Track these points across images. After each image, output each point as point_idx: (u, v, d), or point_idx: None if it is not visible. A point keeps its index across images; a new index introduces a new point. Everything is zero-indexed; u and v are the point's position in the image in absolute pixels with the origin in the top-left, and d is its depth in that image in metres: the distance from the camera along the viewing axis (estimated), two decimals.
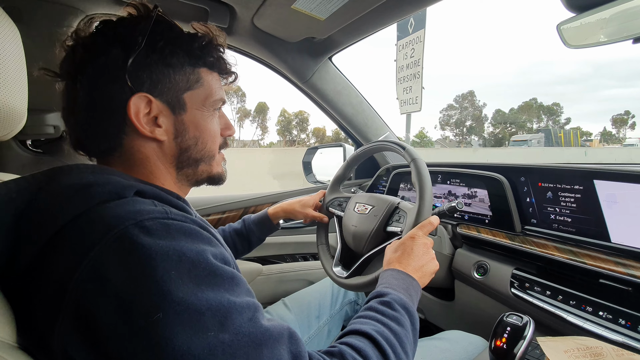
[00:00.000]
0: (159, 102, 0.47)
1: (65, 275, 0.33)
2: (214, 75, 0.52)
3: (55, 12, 0.89)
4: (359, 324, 0.47)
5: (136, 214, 0.36)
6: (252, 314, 0.36)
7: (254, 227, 0.91)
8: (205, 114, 0.51)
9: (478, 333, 0.81)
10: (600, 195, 0.71)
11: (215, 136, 0.54)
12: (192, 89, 0.49)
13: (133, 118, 0.45)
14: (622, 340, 0.58)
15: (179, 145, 0.50)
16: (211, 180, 0.56)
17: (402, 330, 0.48)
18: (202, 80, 0.50)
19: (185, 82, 0.48)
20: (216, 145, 0.55)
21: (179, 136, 0.49)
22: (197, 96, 0.50)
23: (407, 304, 0.52)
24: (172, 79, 0.47)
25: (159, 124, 0.47)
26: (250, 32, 1.09)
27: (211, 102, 0.52)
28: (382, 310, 0.50)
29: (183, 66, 0.48)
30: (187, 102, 0.49)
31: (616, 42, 0.58)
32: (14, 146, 0.94)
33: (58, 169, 0.42)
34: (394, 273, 0.59)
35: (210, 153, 0.53)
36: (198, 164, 0.53)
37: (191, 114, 0.50)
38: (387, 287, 0.55)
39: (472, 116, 63.42)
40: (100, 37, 0.45)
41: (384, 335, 0.45)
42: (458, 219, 1.02)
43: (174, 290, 0.32)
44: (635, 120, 64.40)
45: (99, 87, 0.45)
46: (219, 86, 0.53)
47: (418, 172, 0.73)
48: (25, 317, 0.36)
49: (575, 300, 0.69)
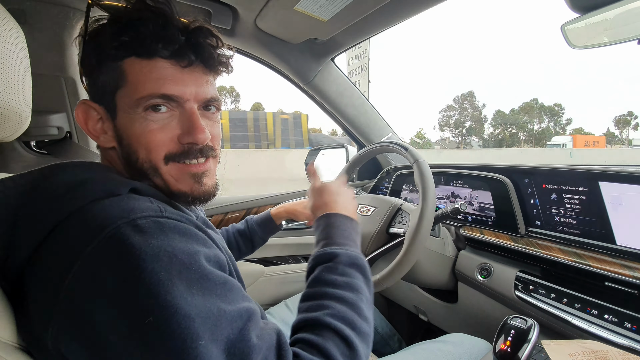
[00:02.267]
0: (98, 107, 0.44)
1: (59, 274, 0.33)
2: (146, 64, 0.41)
3: (59, 13, 0.89)
4: (311, 310, 0.42)
5: (129, 212, 0.35)
6: (244, 324, 0.34)
7: (257, 228, 0.90)
8: (134, 117, 0.42)
9: (482, 336, 0.80)
10: (605, 197, 0.70)
11: (149, 144, 0.43)
12: (120, 87, 0.42)
13: (82, 126, 0.45)
14: (628, 344, 0.58)
15: (122, 155, 0.44)
16: (176, 198, 0.46)
17: (356, 295, 0.44)
18: (124, 74, 0.41)
19: (113, 81, 0.42)
20: (155, 156, 0.43)
21: (119, 143, 0.44)
22: (125, 95, 0.42)
23: (354, 258, 0.48)
24: (99, 79, 0.43)
25: (104, 130, 0.45)
26: (252, 34, 1.09)
27: (136, 100, 0.41)
28: (332, 280, 0.44)
29: (105, 62, 0.42)
30: (117, 103, 0.43)
31: (621, 43, 0.58)
32: (17, 147, 0.95)
33: (55, 165, 0.42)
34: (328, 219, 0.55)
35: (149, 165, 0.43)
36: (149, 177, 0.44)
37: (121, 117, 0.43)
38: (331, 245, 0.50)
39: (471, 117, 62.96)
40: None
41: (339, 315, 0.40)
42: (461, 220, 1.02)
43: (163, 293, 0.31)
44: (639, 122, 63.91)
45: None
46: (157, 77, 0.41)
47: (421, 173, 0.73)
48: (23, 317, 0.36)
49: (580, 303, 0.68)
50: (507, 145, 58.17)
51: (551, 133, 59.23)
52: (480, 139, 62.84)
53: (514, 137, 62.27)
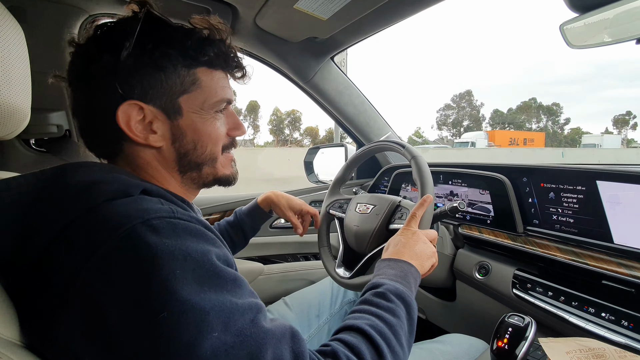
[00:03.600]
0: (152, 108, 0.45)
1: (72, 272, 0.33)
2: (215, 74, 0.49)
3: (59, 12, 0.89)
4: (353, 319, 0.46)
5: (143, 212, 0.36)
6: (254, 315, 0.36)
7: (245, 218, 0.90)
8: (204, 117, 0.49)
9: (479, 333, 0.81)
10: (603, 196, 0.71)
11: (217, 139, 0.51)
12: (188, 92, 0.47)
13: (124, 126, 0.44)
14: (625, 342, 0.58)
15: (178, 150, 0.48)
16: (219, 182, 0.55)
17: (397, 321, 0.47)
18: (199, 81, 0.47)
19: (180, 85, 0.46)
20: (218, 148, 0.52)
21: (177, 141, 0.48)
22: (194, 99, 0.47)
23: (402, 292, 0.51)
24: (165, 83, 0.45)
25: (154, 130, 0.46)
26: (252, 32, 1.09)
27: (211, 104, 0.49)
28: (377, 302, 0.49)
29: (176, 68, 0.45)
30: (183, 106, 0.47)
31: (619, 43, 0.58)
32: (17, 145, 0.95)
33: (67, 165, 0.42)
34: (390, 262, 0.58)
35: (212, 156, 0.51)
36: (201, 167, 0.51)
37: (188, 118, 0.47)
38: (382, 277, 0.54)
39: (469, 116, 62.62)
40: (93, 43, 0.45)
41: (377, 328, 0.44)
42: (460, 219, 1.02)
43: (179, 289, 0.33)
44: (637, 121, 63.77)
45: (93, 94, 0.45)
46: (222, 85, 0.50)
47: (419, 169, 0.74)
48: (31, 314, 0.37)
49: (577, 301, 0.68)
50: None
51: (549, 133, 58.93)
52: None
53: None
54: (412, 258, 0.59)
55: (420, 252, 0.61)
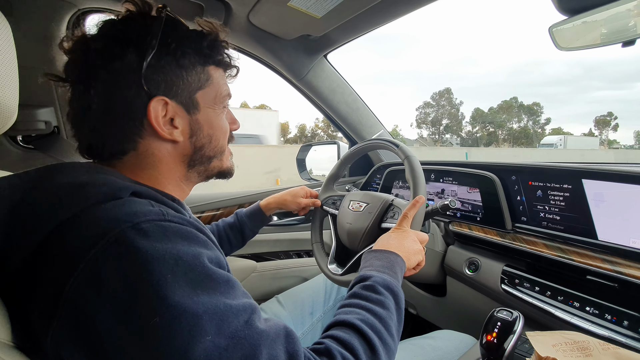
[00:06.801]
0: (174, 104, 0.47)
1: (61, 277, 0.33)
2: (220, 72, 0.53)
3: (47, 5, 0.87)
4: (344, 313, 0.47)
5: (132, 215, 0.35)
6: (249, 316, 0.36)
7: (247, 220, 0.91)
8: (217, 111, 0.52)
9: (469, 328, 0.83)
10: (588, 194, 0.73)
11: (226, 132, 0.55)
12: (203, 88, 0.50)
13: (153, 122, 0.45)
14: (608, 335, 0.60)
15: (194, 145, 0.51)
16: (221, 174, 0.57)
17: (386, 313, 0.48)
18: (211, 78, 0.51)
19: (197, 82, 0.49)
20: (226, 141, 0.56)
21: (194, 135, 0.50)
22: (208, 94, 0.51)
23: (390, 283, 0.52)
24: (185, 79, 0.48)
25: (175, 125, 0.48)
26: (245, 29, 1.08)
27: (220, 98, 0.52)
28: (366, 295, 0.50)
29: (194, 66, 0.48)
30: (199, 101, 0.50)
31: (606, 45, 0.60)
32: (4, 142, 0.93)
33: (52, 166, 0.41)
34: (377, 254, 0.59)
35: (222, 149, 0.55)
36: (211, 160, 0.54)
37: (204, 112, 0.51)
38: (370, 269, 0.55)
39: (449, 114, 62.28)
40: (113, 41, 0.44)
41: (368, 322, 0.45)
42: (450, 216, 1.04)
43: (171, 294, 0.32)
44: (618, 122, 64.79)
45: (115, 92, 0.44)
46: (224, 82, 0.54)
47: (412, 169, 0.74)
48: (20, 318, 0.36)
49: (563, 296, 0.70)
50: (484, 144, 58.32)
51: (529, 132, 59.33)
52: (457, 136, 62.73)
53: (492, 136, 62.39)
54: (398, 249, 0.60)
55: (408, 247, 0.62)
